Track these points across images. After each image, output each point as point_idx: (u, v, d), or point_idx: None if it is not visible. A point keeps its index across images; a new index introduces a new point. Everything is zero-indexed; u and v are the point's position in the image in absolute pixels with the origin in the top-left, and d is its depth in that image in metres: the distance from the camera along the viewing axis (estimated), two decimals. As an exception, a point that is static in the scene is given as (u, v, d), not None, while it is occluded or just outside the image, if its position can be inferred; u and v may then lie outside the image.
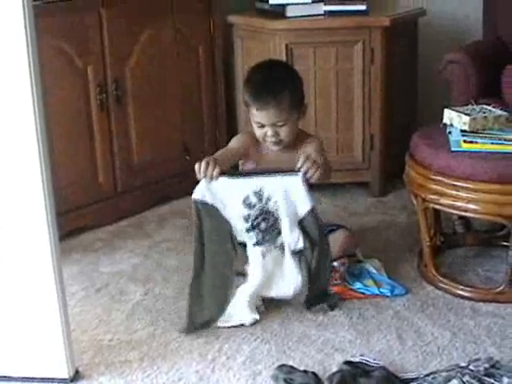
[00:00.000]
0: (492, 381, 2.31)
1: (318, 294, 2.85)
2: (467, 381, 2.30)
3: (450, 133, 2.98)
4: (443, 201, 2.86)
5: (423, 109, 4.23)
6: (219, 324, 2.76)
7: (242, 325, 2.75)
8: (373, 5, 3.96)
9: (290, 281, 2.80)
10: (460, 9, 4.33)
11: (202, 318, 2.76)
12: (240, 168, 3.10)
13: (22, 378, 2.45)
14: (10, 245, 2.31)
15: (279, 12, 3.87)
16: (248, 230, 2.78)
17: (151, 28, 3.66)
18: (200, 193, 2.73)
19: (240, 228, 2.78)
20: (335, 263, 3.04)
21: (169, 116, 3.84)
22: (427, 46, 4.23)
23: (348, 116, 3.87)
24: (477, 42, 4.02)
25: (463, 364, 2.41)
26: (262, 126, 2.98)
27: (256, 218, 2.77)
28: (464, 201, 2.80)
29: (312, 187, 2.78)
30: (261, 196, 2.76)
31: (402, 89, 4.03)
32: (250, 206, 2.76)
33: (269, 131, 2.98)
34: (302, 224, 2.76)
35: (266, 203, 2.76)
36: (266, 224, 2.78)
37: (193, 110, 3.96)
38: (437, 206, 2.93)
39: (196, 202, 2.74)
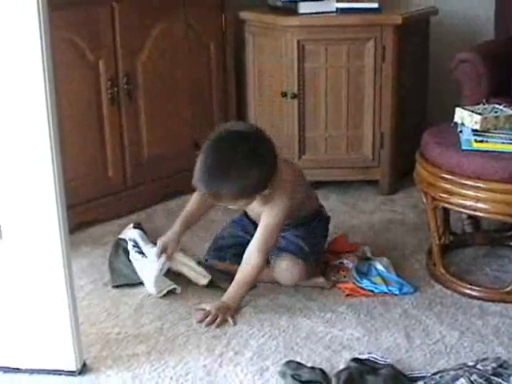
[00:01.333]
0: (500, 380, 2.31)
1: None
2: (475, 380, 2.29)
3: (460, 132, 2.97)
4: (453, 200, 2.85)
5: (434, 107, 4.22)
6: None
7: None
8: (385, 3, 3.95)
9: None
10: (471, 8, 4.32)
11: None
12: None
13: (31, 369, 2.46)
14: (19, 237, 2.32)
15: (291, 8, 3.86)
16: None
17: (163, 22, 3.66)
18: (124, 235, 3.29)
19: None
20: (344, 260, 3.04)
21: (179, 111, 3.84)
22: (439, 45, 4.23)
23: (358, 114, 3.86)
24: (488, 41, 4.01)
25: (471, 363, 2.41)
26: None
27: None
28: (474, 200, 2.79)
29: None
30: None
31: (413, 87, 4.02)
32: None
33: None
34: None
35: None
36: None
37: (203, 106, 3.96)
38: (446, 205, 2.92)
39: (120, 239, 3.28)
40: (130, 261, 3.12)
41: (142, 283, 3.03)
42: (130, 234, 3.25)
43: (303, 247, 3.00)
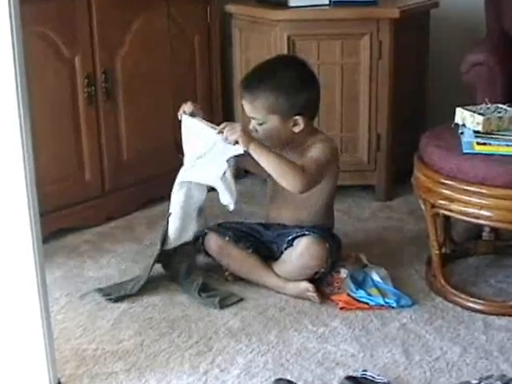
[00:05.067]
0: (504, 399, 2.32)
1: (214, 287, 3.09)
2: (478, 399, 2.31)
3: (462, 133, 2.98)
4: (454, 207, 2.86)
5: (433, 107, 4.24)
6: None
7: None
8: (382, -5, 3.98)
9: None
10: (474, 1, 4.33)
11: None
12: None
13: (1, 388, 2.46)
14: (-11, 246, 2.31)
15: (281, 1, 3.87)
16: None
17: (144, 16, 3.66)
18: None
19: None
20: (341, 269, 3.04)
21: (161, 111, 3.83)
22: (439, 40, 4.24)
23: (353, 114, 3.88)
24: (487, 38, 3.87)
25: (474, 381, 2.42)
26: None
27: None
28: (476, 207, 2.80)
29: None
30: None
31: (412, 85, 4.03)
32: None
33: (250, 123, 3.06)
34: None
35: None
36: None
37: (187, 105, 3.96)
38: (446, 212, 2.93)
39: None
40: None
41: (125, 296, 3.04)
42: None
43: (327, 237, 3.04)
